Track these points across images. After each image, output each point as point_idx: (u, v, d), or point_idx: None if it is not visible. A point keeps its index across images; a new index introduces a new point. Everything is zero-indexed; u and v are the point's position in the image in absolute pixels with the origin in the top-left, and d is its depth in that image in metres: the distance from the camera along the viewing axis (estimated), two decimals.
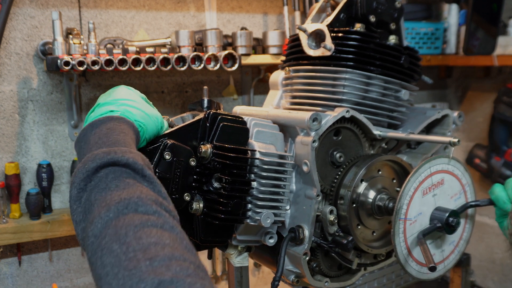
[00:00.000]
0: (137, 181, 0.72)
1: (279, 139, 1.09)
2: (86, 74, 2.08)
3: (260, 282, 2.56)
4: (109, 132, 0.80)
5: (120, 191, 0.69)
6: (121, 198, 0.67)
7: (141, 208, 0.67)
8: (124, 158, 0.73)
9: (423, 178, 1.06)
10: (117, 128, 0.81)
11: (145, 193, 0.70)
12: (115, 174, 0.72)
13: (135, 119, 0.88)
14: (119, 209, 0.66)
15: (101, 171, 0.72)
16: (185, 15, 2.27)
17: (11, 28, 1.94)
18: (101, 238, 0.64)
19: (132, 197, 0.68)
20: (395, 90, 1.21)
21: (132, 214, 0.66)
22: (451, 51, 2.65)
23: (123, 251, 0.61)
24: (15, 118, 1.98)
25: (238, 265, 1.17)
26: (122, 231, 0.63)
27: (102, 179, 0.71)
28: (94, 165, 0.72)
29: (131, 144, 0.80)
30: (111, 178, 0.71)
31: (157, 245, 0.61)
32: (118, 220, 0.65)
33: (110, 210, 0.66)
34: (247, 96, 2.43)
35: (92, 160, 0.73)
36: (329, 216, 1.11)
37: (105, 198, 0.69)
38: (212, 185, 1.01)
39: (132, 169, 0.73)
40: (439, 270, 1.13)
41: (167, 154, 0.95)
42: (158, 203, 0.69)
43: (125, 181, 0.71)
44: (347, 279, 1.22)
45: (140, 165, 0.73)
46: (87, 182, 0.72)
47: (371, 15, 1.18)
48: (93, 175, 0.72)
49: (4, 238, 1.86)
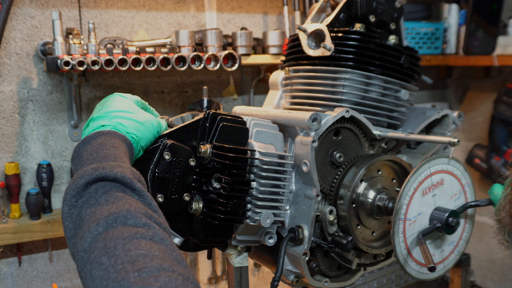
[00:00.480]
0: (126, 194, 0.73)
1: (278, 139, 1.09)
2: (86, 74, 2.08)
3: (260, 282, 2.56)
4: (99, 147, 0.81)
5: (109, 205, 0.70)
6: (110, 212, 0.68)
7: (130, 221, 0.67)
8: (112, 173, 0.74)
9: (423, 178, 1.06)
10: (108, 142, 0.82)
11: (134, 206, 0.70)
12: (104, 189, 0.73)
13: (127, 132, 0.88)
14: (108, 222, 0.67)
15: (90, 186, 0.73)
16: (185, 15, 2.27)
17: (11, 28, 1.94)
18: (90, 252, 0.65)
19: (121, 210, 0.68)
20: (395, 90, 1.21)
21: (121, 227, 0.66)
22: (451, 51, 2.65)
23: (112, 264, 0.61)
24: (15, 118, 1.99)
25: (238, 265, 1.17)
26: (111, 244, 0.64)
27: (92, 195, 0.72)
28: (83, 181, 0.73)
29: (122, 158, 0.81)
30: (100, 193, 0.72)
31: (145, 256, 0.62)
32: (107, 233, 0.65)
33: (99, 224, 0.67)
34: (247, 96, 2.43)
35: (81, 176, 0.74)
36: (328, 216, 1.11)
37: (94, 212, 0.69)
38: (212, 185, 1.01)
39: (121, 183, 0.74)
40: (438, 270, 1.13)
41: (167, 154, 0.95)
42: (148, 216, 0.70)
43: (115, 195, 0.72)
44: (347, 279, 1.22)
45: (129, 179, 0.74)
46: (78, 198, 0.73)
47: (371, 15, 1.18)
48: (83, 191, 0.73)
49: (4, 238, 1.86)
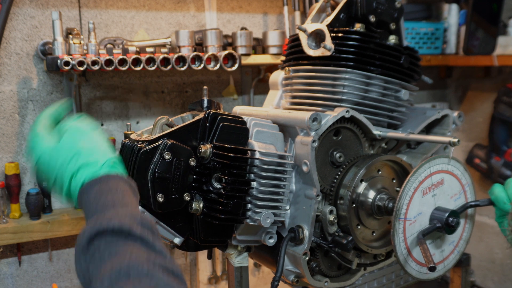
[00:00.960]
0: (128, 243, 0.74)
1: (279, 139, 1.09)
2: (86, 74, 2.08)
3: (260, 282, 2.56)
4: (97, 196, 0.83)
5: (112, 259, 0.72)
6: (112, 267, 0.70)
7: (133, 273, 0.69)
8: (110, 225, 0.76)
9: (423, 178, 1.06)
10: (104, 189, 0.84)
11: (135, 255, 0.72)
12: (106, 243, 0.75)
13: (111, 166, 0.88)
14: (112, 279, 0.69)
15: (93, 243, 0.75)
16: (185, 15, 2.27)
17: (11, 28, 1.94)
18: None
19: (122, 263, 0.70)
20: (395, 90, 1.21)
21: (124, 282, 0.68)
22: (451, 51, 2.65)
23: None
24: (15, 118, 1.98)
25: (238, 265, 1.17)
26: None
27: (96, 251, 0.75)
28: (85, 240, 0.76)
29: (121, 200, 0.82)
30: (103, 248, 0.74)
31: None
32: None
33: (104, 281, 0.69)
34: (247, 96, 2.43)
35: (83, 235, 0.77)
36: (329, 216, 1.11)
37: (99, 270, 0.72)
38: (212, 185, 1.01)
39: (120, 233, 0.75)
40: (438, 270, 1.13)
41: (167, 154, 0.95)
42: (151, 262, 0.71)
43: (116, 248, 0.74)
44: (347, 279, 1.22)
45: (127, 227, 0.76)
46: (85, 255, 0.75)
47: (371, 15, 1.18)
48: (87, 250, 0.76)
49: (4, 238, 1.86)
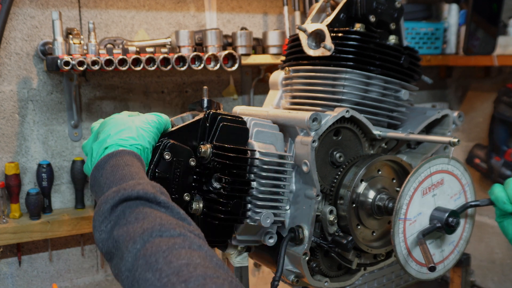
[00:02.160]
0: (154, 209, 0.74)
1: (279, 139, 1.09)
2: (86, 74, 2.08)
3: (260, 282, 2.56)
4: (113, 169, 0.82)
5: (140, 222, 0.71)
6: (144, 228, 0.69)
7: (165, 233, 0.68)
8: (134, 192, 0.75)
9: (423, 178, 1.06)
10: (120, 163, 0.83)
11: (165, 219, 0.71)
12: (131, 209, 0.74)
13: (130, 144, 0.89)
14: (144, 239, 0.68)
15: (116, 209, 0.74)
16: (185, 15, 2.27)
17: (11, 28, 1.94)
18: (133, 270, 0.66)
19: (154, 225, 0.69)
20: (395, 90, 1.21)
21: (158, 241, 0.67)
22: (451, 51, 2.65)
23: (157, 278, 0.62)
24: (15, 118, 1.99)
25: (238, 265, 1.17)
26: (152, 259, 0.65)
27: (120, 217, 0.73)
28: (108, 206, 0.74)
29: (139, 173, 0.82)
30: (128, 213, 0.73)
31: (188, 266, 0.63)
32: (146, 249, 0.67)
33: (136, 242, 0.68)
34: (247, 96, 2.44)
35: (105, 202, 0.75)
36: (329, 216, 1.11)
37: (128, 232, 0.70)
38: (212, 185, 1.01)
39: (146, 200, 0.75)
40: (438, 270, 1.13)
41: (167, 154, 0.95)
42: (180, 226, 0.71)
43: (143, 212, 0.73)
44: (347, 279, 1.22)
45: (152, 194, 0.75)
46: (107, 223, 0.74)
47: (371, 15, 1.18)
48: (110, 216, 0.74)
49: (4, 238, 1.86)
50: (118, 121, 0.93)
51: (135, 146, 0.89)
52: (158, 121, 0.96)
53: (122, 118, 0.95)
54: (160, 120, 0.97)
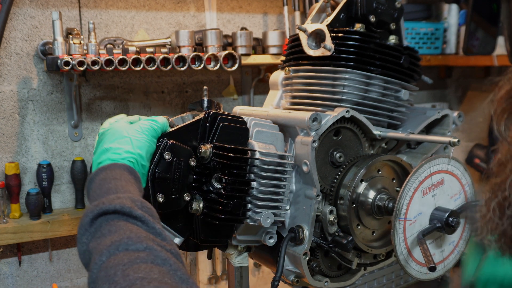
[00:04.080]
0: (128, 223, 0.75)
1: (279, 139, 1.09)
2: (86, 74, 2.08)
3: (260, 282, 2.56)
4: (101, 183, 0.85)
5: (112, 235, 0.73)
6: (112, 241, 0.71)
7: (131, 246, 0.70)
8: (111, 206, 0.77)
9: (423, 178, 1.06)
10: (109, 176, 0.86)
11: (135, 232, 0.73)
12: (107, 222, 0.76)
13: (122, 158, 0.90)
14: (110, 251, 0.69)
15: (95, 222, 0.77)
16: (185, 15, 2.27)
17: (11, 28, 1.94)
18: (96, 282, 0.68)
19: (122, 238, 0.71)
20: (395, 90, 1.21)
21: (123, 254, 0.68)
22: (451, 51, 2.65)
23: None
24: (15, 118, 1.99)
25: (238, 265, 1.17)
26: (112, 271, 0.66)
27: (97, 229, 0.76)
28: (88, 220, 0.77)
29: (125, 186, 0.84)
30: (104, 226, 0.76)
31: (143, 279, 0.63)
32: (109, 261, 0.68)
33: (102, 255, 0.69)
34: (247, 96, 2.44)
35: (86, 215, 0.78)
36: (329, 216, 1.11)
37: (99, 244, 0.72)
38: (212, 185, 1.01)
39: (122, 213, 0.76)
40: (438, 270, 1.13)
41: (167, 154, 0.95)
42: (150, 239, 0.72)
43: (116, 225, 0.75)
44: (347, 279, 1.22)
45: (128, 208, 0.76)
46: (87, 235, 0.76)
47: (371, 15, 1.18)
48: (89, 228, 0.77)
49: (4, 238, 1.86)
50: (114, 133, 0.94)
51: (128, 159, 0.90)
52: (152, 127, 0.96)
53: (118, 129, 0.95)
54: (155, 125, 0.97)
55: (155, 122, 0.97)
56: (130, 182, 0.86)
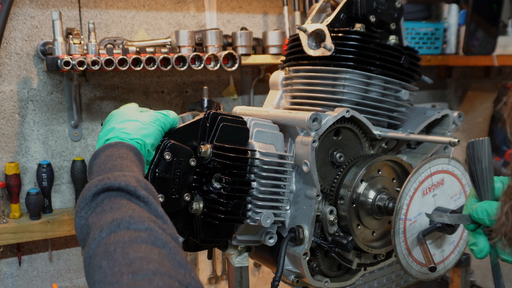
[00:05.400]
0: (131, 202, 0.75)
1: (279, 139, 1.09)
2: (86, 74, 2.08)
3: (260, 282, 2.56)
4: (107, 159, 0.84)
5: (113, 212, 0.71)
6: (114, 218, 0.70)
7: (133, 225, 0.69)
8: (116, 182, 0.76)
9: (423, 178, 1.06)
10: (115, 154, 0.85)
11: (137, 211, 0.72)
12: (110, 198, 0.75)
13: (131, 139, 0.90)
14: (111, 228, 0.68)
15: (97, 197, 0.76)
16: (185, 15, 2.27)
17: (11, 28, 1.94)
18: (93, 257, 0.66)
19: (124, 216, 0.70)
20: (395, 90, 1.21)
21: (123, 232, 0.67)
22: (451, 51, 2.65)
23: (110, 267, 0.62)
24: (15, 118, 1.99)
25: (238, 265, 1.17)
26: (111, 248, 0.65)
27: (98, 205, 0.75)
28: (91, 193, 0.76)
29: (130, 167, 0.83)
30: (106, 202, 0.74)
31: (143, 259, 0.62)
32: (109, 238, 0.67)
33: (102, 231, 0.68)
34: (247, 96, 2.43)
35: (89, 188, 0.77)
36: (329, 216, 1.11)
37: (100, 220, 0.71)
38: (212, 185, 1.01)
39: (126, 192, 0.76)
40: (439, 270, 1.13)
41: (167, 154, 0.95)
42: (152, 221, 0.71)
43: (119, 203, 0.74)
44: (347, 279, 1.22)
45: (133, 187, 0.76)
46: (87, 209, 0.75)
47: (371, 15, 1.18)
48: (91, 203, 0.75)
49: (4, 238, 1.86)
50: (124, 114, 0.95)
51: (136, 140, 0.90)
52: (163, 120, 0.97)
53: (129, 111, 0.97)
54: (166, 119, 0.97)
55: (166, 116, 0.98)
56: (135, 163, 0.85)
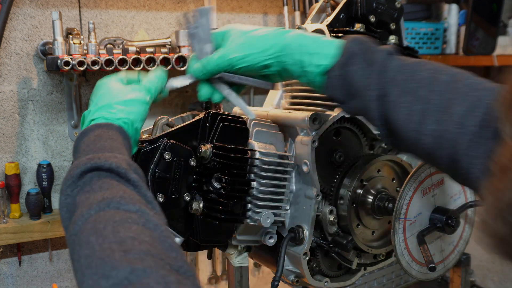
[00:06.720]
0: (121, 184, 0.73)
1: (279, 139, 1.09)
2: (86, 74, 2.08)
3: (260, 282, 2.56)
4: (96, 139, 0.82)
5: (103, 191, 0.69)
6: (104, 197, 0.68)
7: (123, 206, 0.67)
8: (107, 163, 0.74)
9: (423, 178, 1.06)
10: (105, 134, 0.83)
11: (128, 193, 0.70)
12: (99, 178, 0.73)
13: (117, 118, 0.88)
14: (101, 206, 0.66)
15: (85, 176, 0.73)
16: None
17: (11, 28, 1.94)
18: (79, 233, 0.64)
19: (114, 196, 0.68)
20: None
21: (114, 211, 0.65)
22: (451, 51, 2.65)
23: (99, 243, 0.60)
24: (15, 118, 1.99)
25: (238, 265, 1.17)
26: (101, 226, 0.63)
27: (86, 183, 0.72)
28: (79, 171, 0.73)
29: (120, 149, 0.81)
30: (95, 181, 0.72)
31: (134, 239, 0.61)
32: (98, 215, 0.65)
33: (91, 208, 0.66)
34: (247, 96, 2.44)
35: (77, 166, 0.74)
36: (329, 216, 1.11)
37: (88, 198, 0.69)
38: (212, 185, 1.01)
39: (116, 173, 0.74)
40: (438, 270, 1.13)
41: (167, 154, 0.95)
42: (142, 203, 0.69)
43: (109, 183, 0.72)
44: (347, 279, 1.22)
45: (124, 169, 0.74)
46: (73, 188, 0.73)
47: (371, 15, 1.18)
48: (78, 181, 0.73)
49: (4, 238, 1.86)
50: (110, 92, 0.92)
51: (123, 120, 0.88)
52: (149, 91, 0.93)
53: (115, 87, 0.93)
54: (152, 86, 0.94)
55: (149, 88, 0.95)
56: (124, 146, 0.84)
